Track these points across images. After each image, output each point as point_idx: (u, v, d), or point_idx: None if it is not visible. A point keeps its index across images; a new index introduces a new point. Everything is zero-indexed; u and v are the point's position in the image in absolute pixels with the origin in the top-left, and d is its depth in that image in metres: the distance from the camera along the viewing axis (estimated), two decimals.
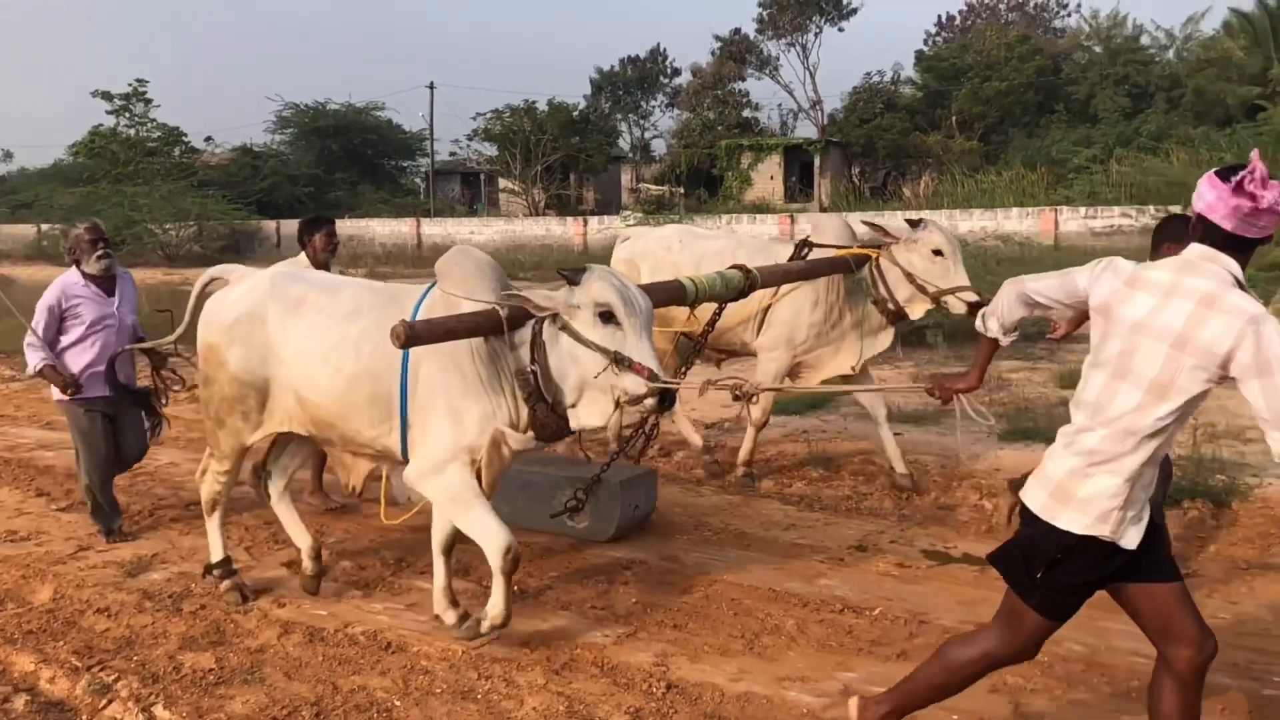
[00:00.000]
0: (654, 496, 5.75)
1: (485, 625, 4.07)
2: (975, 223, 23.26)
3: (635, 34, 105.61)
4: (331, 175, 41.90)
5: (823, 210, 31.44)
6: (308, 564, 4.68)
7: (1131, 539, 2.74)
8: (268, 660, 4.10)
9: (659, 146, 47.05)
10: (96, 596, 4.73)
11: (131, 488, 6.50)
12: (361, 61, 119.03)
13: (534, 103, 39.78)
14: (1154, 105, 31.49)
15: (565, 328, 3.67)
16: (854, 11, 39.38)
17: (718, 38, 41.76)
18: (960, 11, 43.55)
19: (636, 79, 46.49)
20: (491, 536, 3.95)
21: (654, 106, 47.41)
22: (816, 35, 39.89)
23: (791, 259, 5.85)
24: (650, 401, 3.57)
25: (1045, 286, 2.99)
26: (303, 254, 6.10)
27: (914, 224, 5.83)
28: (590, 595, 4.73)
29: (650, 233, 7.36)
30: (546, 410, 3.83)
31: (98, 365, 5.45)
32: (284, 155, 43.13)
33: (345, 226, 34.86)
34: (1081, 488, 2.73)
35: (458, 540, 4.32)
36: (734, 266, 4.77)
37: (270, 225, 35.66)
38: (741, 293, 4.76)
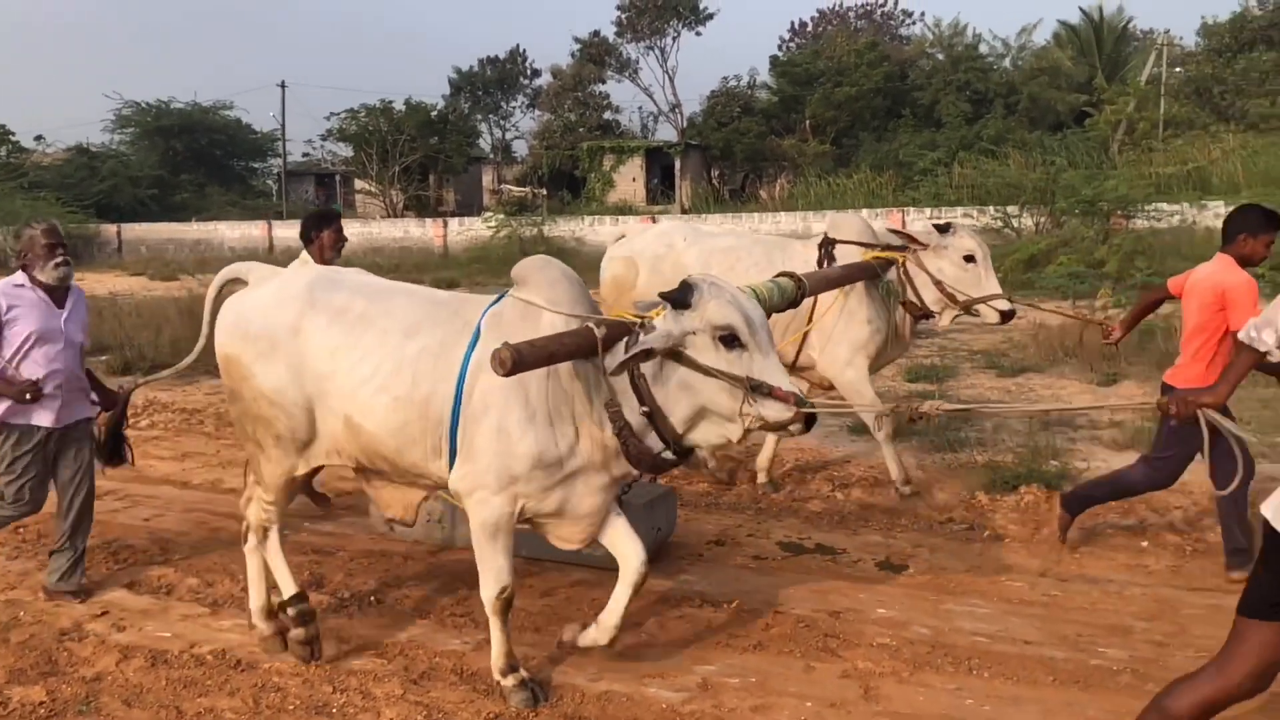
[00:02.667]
0: (674, 517, 5.39)
1: (507, 682, 3.72)
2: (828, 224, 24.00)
3: (494, 34, 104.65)
4: (177, 177, 40.19)
5: (684, 212, 31.88)
6: (260, 623, 4.19)
7: None
8: (105, 689, 3.88)
9: (520, 147, 46.92)
10: None
11: None
12: (207, 59, 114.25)
13: (391, 102, 39.13)
14: (993, 111, 33.15)
15: (680, 357, 3.26)
16: (710, 16, 40.08)
17: (577, 39, 41.88)
18: (812, 18, 44.92)
19: (496, 79, 46.11)
20: (493, 575, 3.64)
21: (514, 107, 47.18)
22: (674, 39, 40.44)
23: (819, 260, 5.73)
24: (796, 426, 3.21)
25: None
26: (305, 252, 5.67)
27: (942, 229, 5.58)
28: (449, 602, 4.67)
29: (649, 230, 6.81)
30: (640, 445, 3.42)
31: (42, 387, 4.56)
32: (124, 156, 41.09)
33: (191, 230, 33.51)
34: None
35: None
36: (783, 274, 4.43)
37: (110, 229, 33.86)
38: (793, 302, 4.42)
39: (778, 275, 4.41)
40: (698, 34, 40.71)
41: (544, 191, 38.80)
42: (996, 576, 4.94)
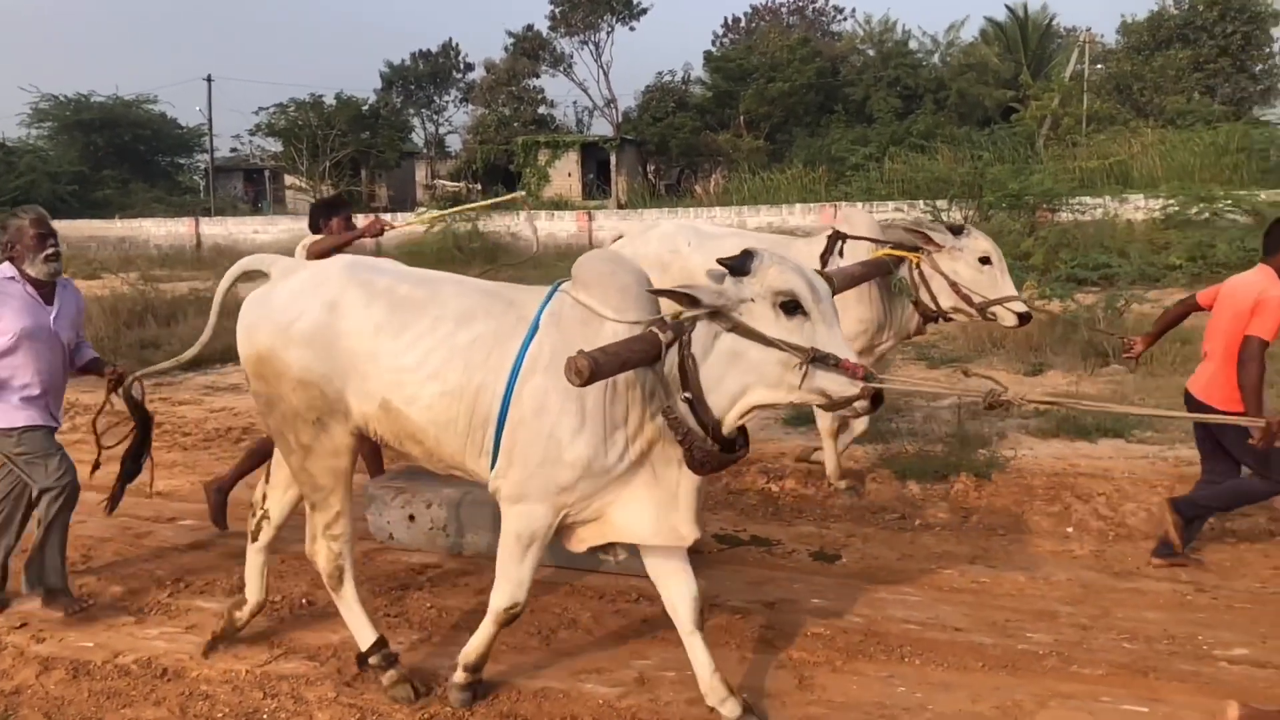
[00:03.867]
0: None
1: (457, 676, 3.63)
2: (762, 218, 24.20)
3: (426, 28, 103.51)
4: (99, 173, 39.06)
5: (620, 207, 31.90)
6: (242, 614, 4.07)
7: None
8: (24, 702, 3.76)
9: (454, 142, 46.49)
10: None
11: None
12: (130, 52, 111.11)
13: (321, 96, 38.55)
14: (923, 106, 33.67)
15: (736, 327, 3.02)
16: (644, 11, 40.06)
17: (510, 34, 41.61)
18: (745, 14, 45.14)
19: (429, 73, 45.60)
20: (511, 587, 3.43)
21: (448, 102, 46.72)
22: (608, 34, 40.34)
23: (825, 253, 5.61)
24: (862, 404, 2.96)
25: None
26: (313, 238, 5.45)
27: (956, 230, 5.46)
28: (384, 603, 4.61)
29: (650, 232, 6.50)
30: (705, 446, 3.13)
31: (31, 389, 4.36)
32: (42, 151, 39.82)
33: (115, 228, 32.61)
34: None
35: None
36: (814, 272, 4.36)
37: None
38: None
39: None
40: (631, 29, 40.67)
41: (478, 186, 38.51)
42: (927, 565, 5.03)
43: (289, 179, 40.35)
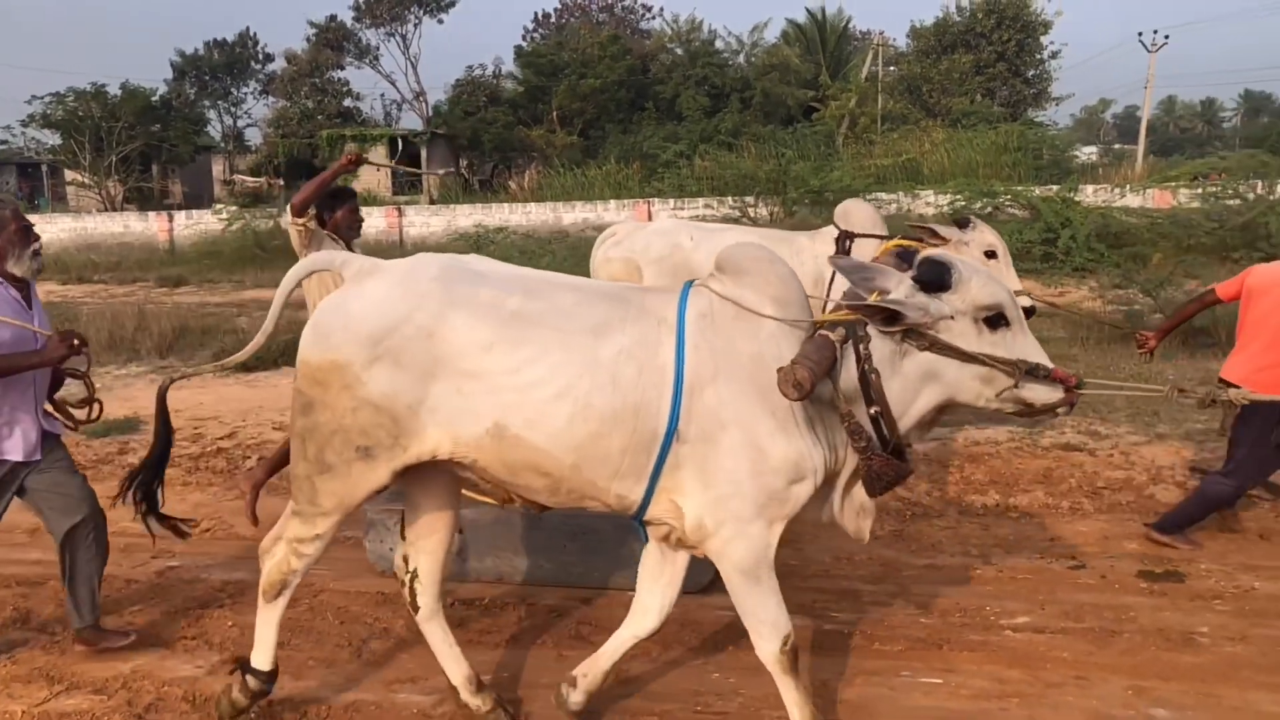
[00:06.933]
0: None
1: None
2: (577, 215, 24.28)
3: (221, 16, 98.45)
4: None
5: (432, 203, 31.27)
6: (471, 700, 3.55)
7: None
8: None
9: (254, 136, 44.52)
10: None
11: None
12: None
13: (104, 86, 35.91)
14: (730, 105, 34.61)
15: (933, 345, 2.87)
16: (452, 4, 39.50)
17: (312, 24, 40.15)
18: (555, 9, 45.19)
19: (225, 64, 43.45)
20: (770, 624, 3.11)
21: (246, 93, 44.66)
22: (416, 25, 39.59)
23: (835, 255, 5.37)
24: (1064, 410, 2.94)
25: None
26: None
27: (962, 224, 5.39)
28: (181, 626, 4.34)
29: (646, 228, 6.25)
30: (885, 460, 2.90)
31: (21, 409, 3.82)
32: None
33: None
34: None
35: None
36: None
37: None
38: None
39: None
40: (440, 21, 40.08)
41: (281, 182, 36.92)
42: None
43: (70, 174, 37.47)
